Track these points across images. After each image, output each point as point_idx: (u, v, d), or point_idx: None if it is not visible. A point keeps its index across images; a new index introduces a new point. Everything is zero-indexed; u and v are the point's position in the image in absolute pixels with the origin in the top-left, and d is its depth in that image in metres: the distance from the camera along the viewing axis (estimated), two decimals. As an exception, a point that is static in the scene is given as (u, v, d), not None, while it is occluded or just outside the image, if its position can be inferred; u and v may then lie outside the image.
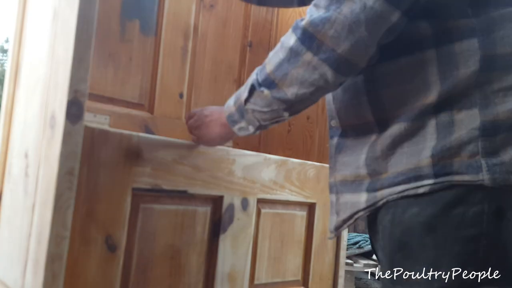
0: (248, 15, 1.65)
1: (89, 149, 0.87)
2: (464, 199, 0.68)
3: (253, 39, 1.68)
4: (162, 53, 1.39)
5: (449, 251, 0.68)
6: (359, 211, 0.81)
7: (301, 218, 1.31)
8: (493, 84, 0.70)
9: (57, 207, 0.80)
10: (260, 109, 0.82)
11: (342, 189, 0.85)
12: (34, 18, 1.04)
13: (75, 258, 0.85)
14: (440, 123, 0.71)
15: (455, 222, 0.68)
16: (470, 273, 0.67)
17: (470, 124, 0.69)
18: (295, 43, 0.74)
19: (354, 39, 0.69)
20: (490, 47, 0.70)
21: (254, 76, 0.83)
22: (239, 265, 1.13)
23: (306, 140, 1.58)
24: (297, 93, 0.76)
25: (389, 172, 0.76)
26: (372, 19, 0.68)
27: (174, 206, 1.01)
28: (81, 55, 0.81)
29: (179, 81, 1.44)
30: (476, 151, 0.68)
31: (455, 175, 0.69)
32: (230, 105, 0.89)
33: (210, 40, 1.54)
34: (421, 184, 0.71)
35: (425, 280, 0.70)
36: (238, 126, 0.88)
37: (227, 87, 1.59)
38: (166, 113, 1.41)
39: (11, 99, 1.09)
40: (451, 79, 0.71)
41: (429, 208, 0.70)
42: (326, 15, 0.70)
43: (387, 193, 0.75)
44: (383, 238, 0.77)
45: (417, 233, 0.71)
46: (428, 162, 0.70)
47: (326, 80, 0.74)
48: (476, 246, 0.67)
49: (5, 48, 20.69)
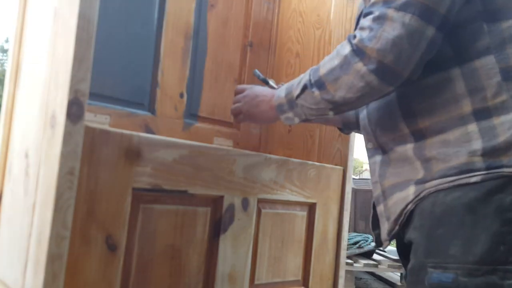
0: (248, 15, 1.65)
1: (90, 149, 0.87)
2: (504, 187, 0.80)
3: (254, 39, 1.68)
4: (162, 53, 1.39)
5: (486, 229, 0.78)
6: (408, 203, 0.90)
7: (302, 218, 1.31)
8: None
9: (58, 207, 0.80)
10: (309, 105, 0.95)
11: (391, 191, 0.95)
12: (35, 18, 1.04)
13: (75, 258, 0.85)
14: (483, 128, 0.83)
15: (495, 205, 0.79)
16: (501, 251, 0.77)
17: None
18: (350, 53, 0.86)
19: (398, 51, 0.81)
20: (506, 61, 0.84)
21: (307, 76, 0.94)
22: (239, 265, 1.13)
23: (307, 140, 1.58)
24: (345, 97, 0.88)
25: (437, 168, 0.86)
26: (410, 33, 0.81)
27: (175, 206, 1.01)
28: (81, 54, 0.81)
29: (179, 81, 1.44)
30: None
31: (505, 168, 0.80)
32: (281, 95, 1.01)
33: (211, 40, 1.54)
34: (474, 174, 0.82)
35: (460, 254, 0.79)
36: (286, 115, 1.01)
37: (228, 87, 1.59)
38: (166, 113, 1.41)
39: (11, 99, 1.09)
40: (478, 91, 0.84)
41: (471, 192, 0.81)
42: (372, 34, 0.83)
43: (436, 183, 0.86)
44: (421, 219, 0.87)
45: (458, 212, 0.81)
46: (480, 159, 0.82)
47: (372, 88, 0.85)
48: (510, 228, 0.78)
49: (5, 48, 20.68)
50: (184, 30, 1.44)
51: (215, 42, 1.55)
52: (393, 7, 0.82)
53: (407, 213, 0.90)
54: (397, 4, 0.82)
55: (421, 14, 0.81)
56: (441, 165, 0.86)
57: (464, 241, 0.80)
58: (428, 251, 0.84)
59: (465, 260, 0.79)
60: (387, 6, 0.83)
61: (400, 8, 0.82)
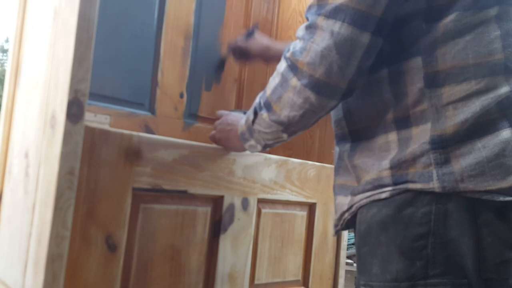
0: (248, 15, 1.65)
1: (90, 149, 0.87)
2: (413, 201, 0.75)
3: (253, 39, 1.68)
4: (162, 53, 1.39)
5: (399, 247, 0.75)
6: (345, 212, 0.88)
7: (302, 218, 1.31)
8: (442, 98, 0.75)
9: (58, 207, 0.80)
10: (263, 130, 0.90)
11: (337, 191, 0.92)
12: (35, 18, 1.04)
13: (75, 258, 0.85)
14: (402, 138, 0.78)
15: (405, 221, 0.75)
16: (418, 267, 0.73)
17: (422, 139, 0.75)
18: (285, 69, 0.82)
19: (328, 64, 0.75)
20: (433, 64, 0.75)
21: (257, 100, 0.90)
22: (239, 265, 1.13)
23: (306, 140, 1.58)
24: (289, 116, 0.83)
25: (362, 179, 0.83)
26: (340, 43, 0.74)
27: (174, 206, 1.01)
28: (81, 54, 0.81)
29: (179, 81, 1.44)
30: (429, 162, 0.74)
31: (409, 183, 0.75)
32: (242, 123, 0.97)
33: (210, 40, 1.54)
34: (383, 190, 0.78)
35: (380, 272, 0.77)
36: (249, 144, 0.97)
37: (227, 87, 1.59)
38: (166, 113, 1.41)
39: (11, 99, 1.09)
40: (402, 96, 0.78)
41: (384, 209, 0.78)
42: (302, 45, 0.78)
43: (359, 198, 0.83)
44: (354, 235, 0.86)
45: (374, 230, 0.79)
46: (388, 173, 0.78)
47: (312, 104, 0.80)
48: (424, 243, 0.73)
49: (5, 48, 20.69)
50: (184, 30, 1.44)
51: (215, 42, 1.55)
52: (323, 14, 0.75)
53: (344, 221, 0.89)
54: (326, 10, 0.75)
55: (352, 20, 0.73)
56: (363, 176, 0.83)
57: (381, 260, 0.77)
58: (359, 269, 0.83)
59: (383, 278, 0.76)
60: (318, 12, 0.76)
61: (329, 15, 0.74)
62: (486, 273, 0.72)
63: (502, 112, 0.74)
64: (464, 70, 0.74)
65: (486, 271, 0.72)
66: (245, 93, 1.62)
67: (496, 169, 0.72)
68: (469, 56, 0.74)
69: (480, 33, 0.74)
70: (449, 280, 0.72)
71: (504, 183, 0.72)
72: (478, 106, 0.73)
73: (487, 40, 0.74)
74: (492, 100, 0.74)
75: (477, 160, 0.72)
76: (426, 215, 0.74)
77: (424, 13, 0.76)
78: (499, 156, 0.72)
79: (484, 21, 0.75)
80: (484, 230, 0.72)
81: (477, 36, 0.74)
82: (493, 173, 0.72)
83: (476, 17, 0.74)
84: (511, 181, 0.72)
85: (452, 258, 0.73)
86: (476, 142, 0.73)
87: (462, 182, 0.72)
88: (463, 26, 0.74)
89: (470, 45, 0.74)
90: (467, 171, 0.72)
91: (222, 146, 1.09)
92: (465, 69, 0.74)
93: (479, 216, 0.73)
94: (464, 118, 0.73)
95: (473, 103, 0.73)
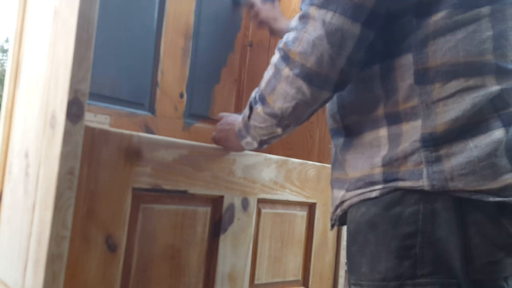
0: (248, 15, 1.65)
1: (90, 149, 0.87)
2: (401, 200, 0.75)
3: (254, 39, 1.68)
4: (162, 53, 1.39)
5: (388, 246, 0.75)
6: (338, 207, 0.88)
7: (302, 218, 1.31)
8: (432, 95, 0.75)
9: (58, 207, 0.80)
10: (259, 124, 0.89)
11: (334, 184, 0.92)
12: (35, 18, 1.04)
13: (75, 258, 0.85)
14: (392, 134, 0.78)
15: (394, 220, 0.75)
16: (407, 266, 0.73)
17: (413, 136, 0.75)
18: (278, 60, 0.82)
19: (319, 53, 0.76)
20: (423, 61, 0.75)
21: (253, 94, 0.90)
22: (239, 265, 1.13)
23: (306, 140, 1.58)
24: (282, 107, 0.83)
25: (349, 175, 0.84)
26: (331, 32, 0.75)
27: (174, 206, 1.01)
28: (81, 54, 0.81)
29: (179, 81, 1.44)
30: (420, 160, 0.74)
31: (399, 181, 0.75)
32: (239, 120, 0.97)
33: (210, 39, 1.54)
34: (373, 188, 0.78)
35: (368, 272, 0.77)
36: (245, 141, 0.96)
37: (227, 87, 1.59)
38: (166, 113, 1.41)
39: (11, 99, 1.09)
40: (393, 92, 0.78)
41: (373, 208, 0.78)
42: (295, 35, 0.78)
43: (350, 196, 0.83)
44: (345, 233, 0.87)
45: (364, 229, 0.79)
46: (380, 170, 0.78)
47: (304, 94, 0.80)
48: (413, 242, 0.73)
49: (5, 48, 20.69)
50: (184, 30, 1.44)
51: (215, 41, 1.55)
52: (315, 5, 0.76)
53: (337, 217, 0.89)
54: (319, 0, 0.75)
55: (344, 11, 0.74)
56: (349, 172, 0.83)
57: (370, 259, 0.77)
58: (349, 268, 0.83)
59: (372, 277, 0.76)
60: (310, 3, 0.77)
61: (322, 5, 0.75)
62: (474, 274, 0.71)
63: (495, 112, 0.74)
64: (454, 68, 0.74)
65: (474, 272, 0.71)
66: (245, 93, 1.62)
67: (487, 169, 0.71)
68: (460, 54, 0.74)
69: (472, 32, 0.74)
70: (438, 280, 0.72)
71: (494, 184, 0.71)
72: (469, 103, 0.73)
73: (479, 40, 0.74)
74: (484, 97, 0.73)
75: (468, 159, 0.72)
76: (414, 214, 0.73)
77: (414, 9, 0.76)
78: (491, 156, 0.71)
79: (476, 20, 0.74)
80: (472, 230, 0.72)
81: (469, 35, 0.74)
82: (484, 173, 0.71)
83: (467, 15, 0.74)
84: (502, 182, 0.71)
85: (440, 257, 0.72)
86: (469, 141, 0.73)
87: (452, 181, 0.72)
88: (454, 24, 0.74)
89: (461, 44, 0.74)
90: (457, 170, 0.72)
91: (222, 146, 1.09)
92: (455, 67, 0.74)
93: (467, 216, 0.72)
94: (455, 115, 0.73)
95: (464, 100, 0.73)
